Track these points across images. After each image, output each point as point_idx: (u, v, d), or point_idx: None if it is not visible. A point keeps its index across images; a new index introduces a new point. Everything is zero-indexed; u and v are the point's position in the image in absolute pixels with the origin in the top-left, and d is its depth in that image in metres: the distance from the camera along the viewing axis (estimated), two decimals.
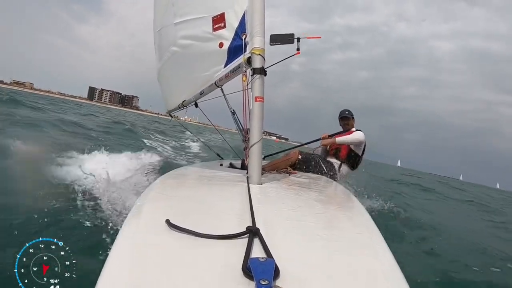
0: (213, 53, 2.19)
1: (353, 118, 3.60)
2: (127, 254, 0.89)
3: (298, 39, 1.97)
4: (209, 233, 0.96)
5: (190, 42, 2.31)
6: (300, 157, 3.13)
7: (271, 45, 2.01)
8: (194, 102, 2.75)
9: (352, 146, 3.45)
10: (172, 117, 3.26)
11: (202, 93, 2.57)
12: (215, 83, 2.34)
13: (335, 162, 3.44)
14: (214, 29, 2.14)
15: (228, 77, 2.21)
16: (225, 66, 2.17)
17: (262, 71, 1.89)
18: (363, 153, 3.53)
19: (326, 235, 1.12)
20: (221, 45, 2.14)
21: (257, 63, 1.90)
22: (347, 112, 3.60)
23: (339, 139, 3.37)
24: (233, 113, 2.35)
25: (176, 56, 2.48)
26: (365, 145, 3.51)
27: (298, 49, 1.95)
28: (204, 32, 2.19)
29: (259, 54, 1.91)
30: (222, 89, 2.36)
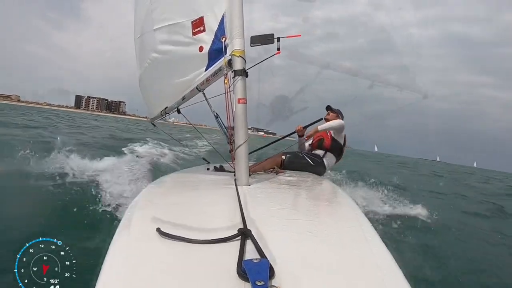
0: (193, 58, 2.19)
1: (333, 112, 3.76)
2: (120, 265, 0.89)
3: (278, 38, 1.99)
4: (201, 238, 0.97)
5: (170, 47, 2.30)
6: (284, 157, 3.14)
7: (251, 46, 2.02)
8: (176, 108, 2.74)
9: (333, 134, 3.53)
10: (154, 125, 3.23)
11: (184, 99, 2.56)
12: (196, 87, 2.34)
13: (320, 152, 3.49)
14: (194, 33, 2.13)
15: (209, 80, 2.21)
16: (206, 70, 2.16)
17: (243, 73, 1.91)
18: (344, 143, 3.62)
19: (317, 232, 1.12)
20: (201, 49, 2.13)
21: (238, 65, 1.91)
22: (328, 105, 3.80)
23: (321, 126, 3.46)
24: (217, 116, 2.35)
25: (157, 63, 2.46)
26: (345, 136, 3.62)
27: (278, 49, 1.97)
28: (184, 36, 2.19)
29: (240, 56, 1.92)
30: (204, 93, 2.36)
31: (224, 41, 2.01)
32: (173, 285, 0.78)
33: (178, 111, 2.77)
